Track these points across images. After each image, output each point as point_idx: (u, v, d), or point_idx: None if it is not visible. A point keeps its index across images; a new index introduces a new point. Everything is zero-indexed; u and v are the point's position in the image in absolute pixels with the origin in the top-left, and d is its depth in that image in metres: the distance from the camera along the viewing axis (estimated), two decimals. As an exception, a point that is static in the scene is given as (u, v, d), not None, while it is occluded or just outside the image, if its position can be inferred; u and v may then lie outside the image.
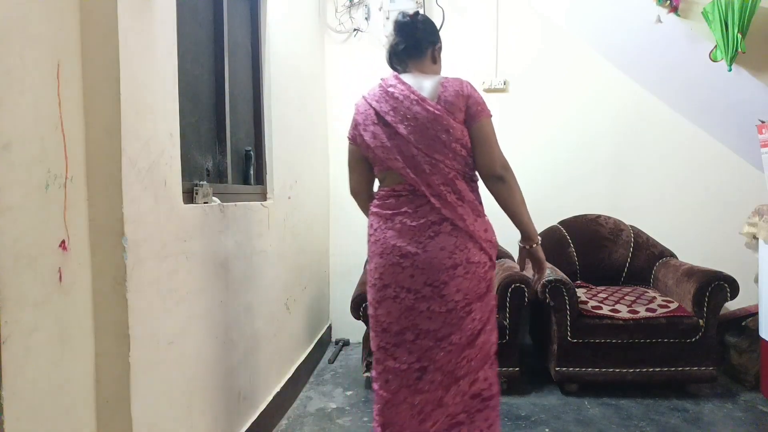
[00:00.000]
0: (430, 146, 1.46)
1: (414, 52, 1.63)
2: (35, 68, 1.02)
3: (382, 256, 1.50)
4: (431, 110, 1.46)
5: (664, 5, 2.45)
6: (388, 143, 1.51)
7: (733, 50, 2.25)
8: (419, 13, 1.68)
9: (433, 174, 1.46)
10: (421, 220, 1.46)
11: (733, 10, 2.21)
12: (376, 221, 1.55)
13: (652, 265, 2.96)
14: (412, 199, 1.48)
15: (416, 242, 1.45)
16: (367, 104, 1.60)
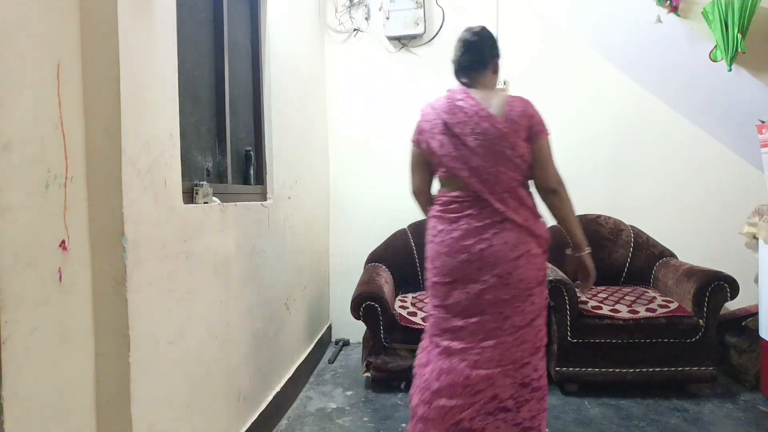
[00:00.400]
0: (496, 159, 1.61)
1: (479, 67, 1.76)
2: (35, 68, 1.02)
3: (449, 255, 1.65)
4: (499, 128, 1.60)
5: (664, 5, 2.45)
6: (455, 153, 1.64)
7: (733, 50, 2.25)
8: (484, 28, 1.79)
9: (496, 183, 1.62)
10: (486, 220, 1.62)
11: (733, 10, 2.21)
12: (440, 224, 1.70)
13: (652, 265, 2.96)
14: (476, 203, 1.64)
15: (482, 239, 1.62)
16: (435, 113, 1.72)
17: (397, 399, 2.51)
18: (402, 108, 3.42)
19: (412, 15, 3.26)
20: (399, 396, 2.54)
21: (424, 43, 3.38)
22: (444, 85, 3.50)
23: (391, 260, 3.09)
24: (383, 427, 2.24)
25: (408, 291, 3.05)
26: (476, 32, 1.76)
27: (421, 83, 3.40)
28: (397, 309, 2.67)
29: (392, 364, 2.54)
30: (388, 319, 2.53)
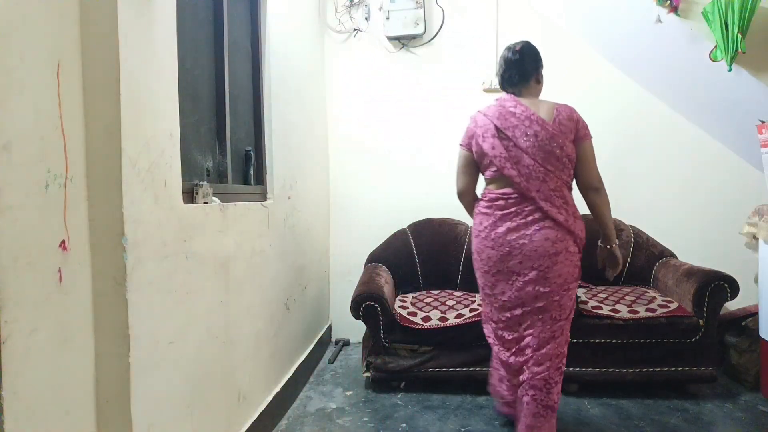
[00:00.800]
0: (546, 159, 1.80)
1: (522, 81, 1.95)
2: (35, 68, 1.02)
3: (494, 248, 1.86)
4: (549, 130, 1.80)
5: (664, 5, 2.45)
6: (506, 154, 1.83)
7: (733, 50, 2.25)
8: (525, 44, 1.98)
9: (543, 182, 1.80)
10: (529, 217, 1.81)
11: (733, 10, 2.21)
12: (486, 220, 1.90)
13: (652, 265, 2.95)
14: (521, 201, 1.82)
15: (525, 235, 1.80)
16: (487, 119, 1.90)
17: (397, 399, 2.51)
18: (402, 108, 3.42)
19: (412, 15, 3.26)
20: (399, 396, 2.54)
21: (424, 43, 3.38)
22: (444, 85, 3.52)
23: (391, 260, 3.09)
24: (383, 427, 2.24)
25: (408, 291, 3.05)
26: (517, 50, 1.95)
27: (421, 83, 3.40)
28: (397, 309, 2.67)
29: (392, 363, 2.55)
30: (388, 319, 2.53)
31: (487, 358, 2.52)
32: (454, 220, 3.25)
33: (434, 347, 2.54)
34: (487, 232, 1.88)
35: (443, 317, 2.56)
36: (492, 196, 1.89)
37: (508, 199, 1.85)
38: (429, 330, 2.51)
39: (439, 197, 3.39)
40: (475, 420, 2.29)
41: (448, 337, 2.51)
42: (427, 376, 2.54)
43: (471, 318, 2.53)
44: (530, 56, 1.95)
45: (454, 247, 3.13)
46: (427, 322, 2.54)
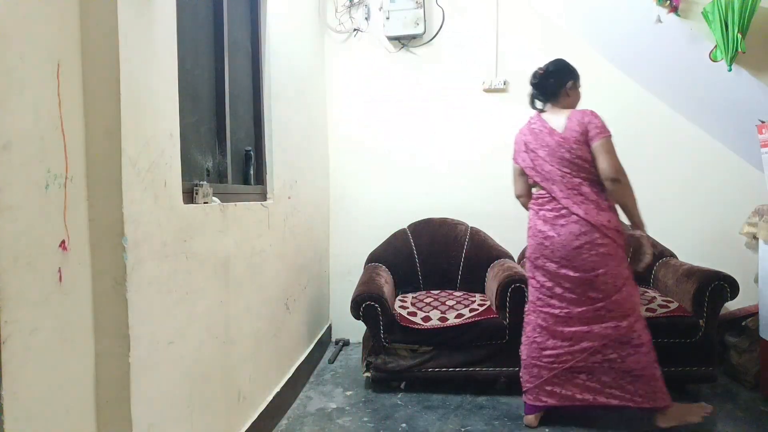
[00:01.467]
0: (560, 163, 2.09)
1: (550, 98, 2.23)
2: (35, 68, 1.02)
3: (533, 238, 2.19)
4: (556, 138, 2.10)
5: (664, 5, 2.45)
6: (532, 164, 2.18)
7: (733, 50, 2.25)
8: (552, 63, 2.27)
9: (561, 183, 2.09)
10: (556, 213, 2.11)
11: (733, 10, 2.21)
12: (532, 215, 2.23)
13: (652, 265, 2.95)
14: (550, 200, 2.14)
15: (553, 229, 2.11)
16: (520, 137, 2.26)
17: (397, 399, 2.51)
18: (402, 108, 3.42)
19: (412, 15, 3.26)
20: (399, 396, 2.54)
21: (424, 43, 3.38)
22: (444, 85, 3.52)
23: (391, 260, 3.09)
24: (383, 427, 2.24)
25: (408, 291, 3.05)
26: (539, 74, 2.25)
27: (421, 83, 3.40)
28: (397, 309, 2.67)
29: (392, 363, 2.55)
30: (388, 319, 2.53)
31: (487, 358, 2.53)
32: (454, 220, 3.25)
33: (434, 347, 2.54)
34: (530, 225, 2.22)
35: (443, 317, 2.56)
36: (534, 196, 2.23)
37: (541, 200, 2.18)
38: (429, 330, 2.51)
39: (439, 197, 3.39)
40: (475, 420, 2.29)
41: (448, 337, 2.51)
42: (427, 376, 2.54)
43: (471, 318, 2.53)
44: (555, 74, 2.23)
45: (454, 247, 3.13)
46: (427, 322, 2.54)
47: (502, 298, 2.54)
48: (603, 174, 2.05)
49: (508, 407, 2.40)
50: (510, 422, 2.25)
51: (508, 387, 2.55)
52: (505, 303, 2.53)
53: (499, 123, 3.35)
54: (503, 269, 2.71)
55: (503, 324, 2.52)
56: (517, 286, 2.51)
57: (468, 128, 3.38)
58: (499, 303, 2.56)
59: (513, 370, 2.51)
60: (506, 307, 2.53)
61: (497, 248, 3.09)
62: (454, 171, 3.40)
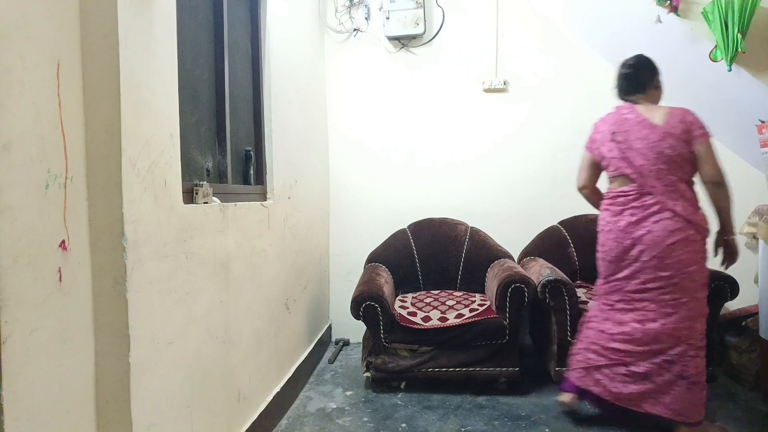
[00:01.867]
0: (657, 158, 2.01)
1: (638, 91, 2.16)
2: (35, 68, 1.02)
3: (616, 240, 2.09)
4: (659, 132, 2.02)
5: (664, 5, 2.45)
6: (621, 155, 2.08)
7: (733, 50, 2.25)
8: (639, 57, 2.19)
9: (658, 179, 2.02)
10: (647, 210, 2.02)
11: (733, 10, 2.21)
12: (609, 216, 2.14)
13: None
14: (639, 197, 2.04)
15: (644, 227, 2.02)
16: (606, 126, 2.16)
17: (397, 399, 2.51)
18: (402, 108, 3.42)
19: (412, 15, 3.26)
20: (399, 396, 2.54)
21: (424, 43, 3.38)
22: (444, 85, 3.52)
23: (391, 260, 3.09)
24: (383, 427, 2.24)
25: (408, 291, 3.05)
26: (630, 64, 2.18)
27: (421, 83, 3.40)
28: (397, 309, 2.67)
29: (392, 364, 2.55)
30: (388, 319, 2.53)
31: (487, 357, 2.53)
32: (454, 220, 3.25)
33: (434, 347, 2.54)
34: (610, 227, 2.12)
35: (443, 317, 2.56)
36: (613, 194, 2.14)
37: (627, 196, 2.08)
38: (429, 330, 2.51)
39: (439, 197, 3.40)
40: (475, 420, 2.29)
41: (449, 337, 2.51)
42: (427, 376, 2.54)
43: (471, 318, 2.53)
44: (644, 67, 2.17)
45: (454, 246, 3.13)
46: (428, 322, 2.54)
47: (502, 299, 2.54)
48: (706, 176, 2.01)
49: (508, 407, 2.40)
50: (510, 422, 2.25)
51: (508, 387, 2.55)
52: (505, 303, 2.53)
53: (499, 123, 3.35)
54: (503, 269, 2.71)
55: (503, 324, 2.52)
56: (517, 287, 2.51)
57: (468, 128, 3.37)
58: (499, 303, 2.56)
59: (513, 370, 2.52)
60: (506, 307, 2.53)
61: (497, 248, 3.09)
62: (454, 171, 3.40)
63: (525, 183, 3.33)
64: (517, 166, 3.34)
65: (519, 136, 3.33)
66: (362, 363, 2.63)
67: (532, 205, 3.31)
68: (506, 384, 2.55)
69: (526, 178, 3.34)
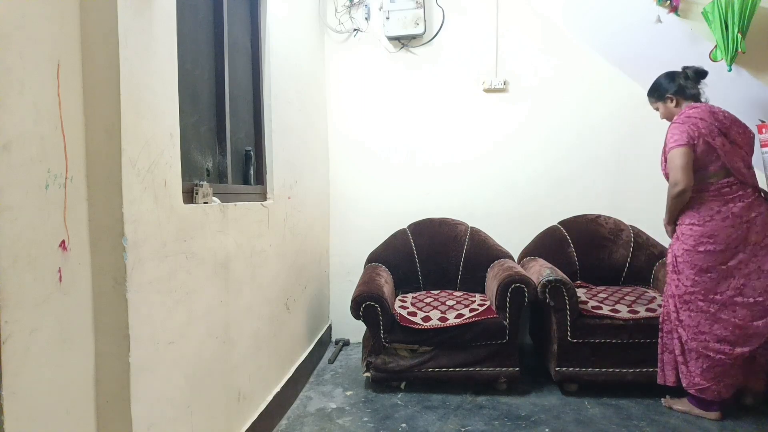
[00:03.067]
0: (749, 152, 2.26)
1: (699, 95, 2.37)
2: (35, 68, 1.02)
3: (733, 226, 2.20)
4: (750, 135, 2.28)
5: (664, 5, 2.45)
6: (730, 148, 2.22)
7: (733, 50, 2.25)
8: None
9: (750, 170, 2.25)
10: (750, 198, 2.22)
11: (733, 10, 2.21)
12: (719, 205, 2.23)
13: (652, 265, 2.95)
14: (742, 186, 2.23)
15: (757, 211, 2.21)
16: (709, 120, 2.23)
17: (397, 399, 2.51)
18: (402, 108, 3.42)
19: (412, 15, 3.26)
20: (399, 396, 2.54)
21: (424, 43, 3.38)
22: (444, 85, 3.52)
23: (391, 260, 3.09)
24: (383, 427, 2.24)
25: (408, 291, 3.05)
26: (703, 71, 2.34)
27: (421, 83, 3.40)
28: (397, 309, 2.67)
29: (392, 363, 2.55)
30: (388, 319, 2.53)
31: (487, 358, 2.52)
32: (454, 220, 3.25)
33: (434, 347, 2.54)
34: (725, 214, 2.21)
35: (443, 317, 2.56)
36: (718, 185, 2.23)
37: (732, 186, 2.22)
38: (429, 330, 2.51)
39: (439, 197, 3.40)
40: (475, 420, 2.29)
41: (449, 337, 2.51)
42: (427, 376, 2.54)
43: (471, 318, 2.53)
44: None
45: (454, 246, 3.13)
46: (428, 322, 2.54)
47: (502, 299, 2.54)
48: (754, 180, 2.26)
49: (508, 407, 2.40)
50: (510, 422, 2.25)
51: (508, 387, 2.55)
52: (505, 303, 2.53)
53: (499, 123, 3.35)
54: (503, 269, 2.71)
55: (503, 324, 2.52)
56: (517, 287, 2.51)
57: (468, 128, 3.38)
58: (499, 303, 2.56)
59: (513, 370, 2.52)
60: (506, 307, 2.53)
61: (497, 248, 3.09)
62: (455, 171, 3.40)
63: (525, 183, 3.34)
64: (517, 166, 3.34)
65: (519, 136, 3.33)
66: (362, 363, 2.63)
67: (533, 205, 3.31)
68: (506, 384, 2.55)
69: (526, 178, 3.34)
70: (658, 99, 2.43)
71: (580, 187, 3.28)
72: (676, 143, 2.22)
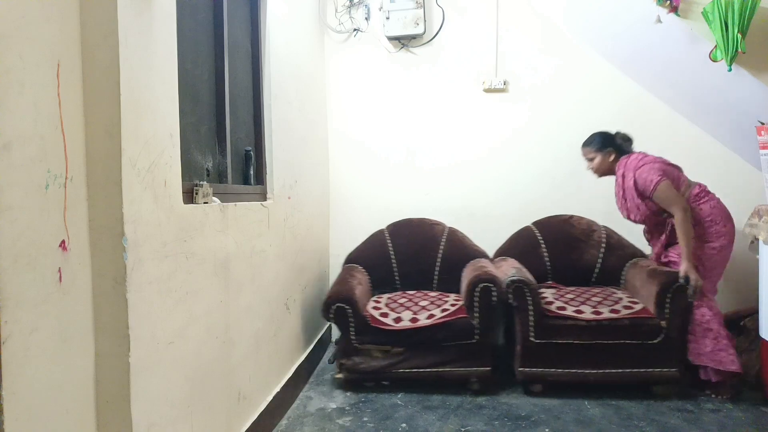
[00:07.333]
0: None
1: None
2: (35, 68, 1.02)
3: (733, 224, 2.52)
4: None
5: (664, 5, 2.44)
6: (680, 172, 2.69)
7: (733, 50, 2.25)
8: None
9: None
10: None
11: (733, 10, 2.21)
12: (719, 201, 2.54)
13: (623, 266, 2.92)
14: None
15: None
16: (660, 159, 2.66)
17: (397, 399, 2.51)
18: (402, 108, 3.42)
19: (412, 15, 3.26)
20: (399, 396, 2.54)
21: (424, 43, 3.38)
22: (444, 85, 3.52)
23: (369, 261, 3.09)
24: (383, 427, 2.24)
25: (385, 291, 3.02)
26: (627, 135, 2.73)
27: (421, 83, 3.40)
28: (370, 310, 2.65)
29: (364, 365, 2.53)
30: (360, 320, 2.52)
31: (458, 358, 2.51)
32: (432, 220, 3.24)
33: (406, 348, 2.52)
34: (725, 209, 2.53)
35: (415, 318, 2.54)
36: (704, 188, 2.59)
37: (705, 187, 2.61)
38: (400, 331, 2.49)
39: (439, 197, 3.40)
40: (475, 420, 2.29)
41: (420, 338, 2.49)
42: (399, 377, 2.53)
43: (442, 318, 2.51)
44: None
45: (431, 247, 3.11)
46: (399, 323, 2.52)
47: (470, 298, 2.52)
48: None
49: (508, 407, 2.40)
50: (510, 422, 2.25)
51: (481, 387, 2.54)
52: (473, 303, 2.51)
53: (499, 123, 3.35)
54: (475, 269, 2.70)
55: (472, 324, 2.50)
56: (485, 286, 2.50)
57: (468, 128, 3.37)
58: (467, 303, 2.55)
59: (484, 369, 2.50)
60: (474, 306, 2.51)
61: (474, 248, 3.09)
62: (455, 171, 3.40)
63: (524, 182, 3.33)
64: (518, 166, 3.34)
65: (519, 136, 3.33)
66: (335, 364, 2.62)
67: (532, 204, 3.31)
68: (478, 384, 2.54)
69: (526, 178, 3.34)
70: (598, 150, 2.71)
71: (579, 186, 3.28)
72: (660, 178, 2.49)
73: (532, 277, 2.56)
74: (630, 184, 2.57)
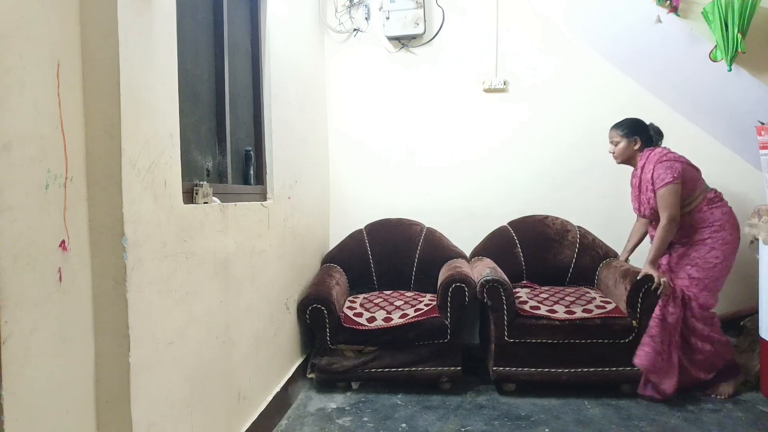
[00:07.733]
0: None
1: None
2: (35, 68, 1.02)
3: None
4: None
5: (664, 5, 2.44)
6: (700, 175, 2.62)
7: (733, 50, 2.25)
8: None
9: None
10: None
11: (733, 10, 2.21)
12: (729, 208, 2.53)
13: (597, 266, 2.93)
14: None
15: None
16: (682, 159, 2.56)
17: (397, 399, 2.51)
18: (402, 108, 3.42)
19: (412, 15, 3.25)
20: (399, 396, 2.54)
21: (424, 43, 3.38)
22: (444, 85, 3.52)
23: (346, 261, 3.09)
24: (383, 427, 2.24)
25: (362, 292, 3.02)
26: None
27: (420, 83, 3.40)
28: (345, 310, 2.66)
29: (336, 365, 2.53)
30: (335, 321, 2.52)
31: (429, 357, 2.51)
32: (410, 220, 3.24)
33: (379, 347, 2.52)
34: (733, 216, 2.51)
35: (388, 317, 2.55)
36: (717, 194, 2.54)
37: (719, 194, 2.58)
38: (373, 330, 2.50)
39: (439, 197, 3.39)
40: (475, 420, 2.29)
41: (392, 338, 2.50)
42: (371, 377, 2.54)
43: (414, 318, 2.52)
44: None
45: (408, 247, 3.12)
46: (372, 322, 2.53)
47: (443, 298, 2.53)
48: None
49: (508, 407, 2.40)
50: (510, 422, 2.25)
51: (452, 386, 2.54)
52: (446, 302, 2.52)
53: (499, 123, 3.35)
54: (449, 269, 2.70)
55: (444, 323, 2.51)
56: (457, 286, 2.50)
57: (468, 128, 3.37)
58: (440, 302, 2.55)
59: (455, 369, 2.51)
60: (447, 306, 2.52)
61: (451, 248, 3.09)
62: (455, 171, 3.39)
63: (524, 182, 3.33)
64: (518, 166, 3.34)
65: (519, 136, 3.33)
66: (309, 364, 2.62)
67: (532, 204, 3.31)
68: (449, 383, 2.54)
69: (526, 178, 3.33)
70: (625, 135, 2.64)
71: (581, 186, 3.28)
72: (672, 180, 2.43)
73: (506, 277, 2.57)
74: (648, 176, 2.51)
